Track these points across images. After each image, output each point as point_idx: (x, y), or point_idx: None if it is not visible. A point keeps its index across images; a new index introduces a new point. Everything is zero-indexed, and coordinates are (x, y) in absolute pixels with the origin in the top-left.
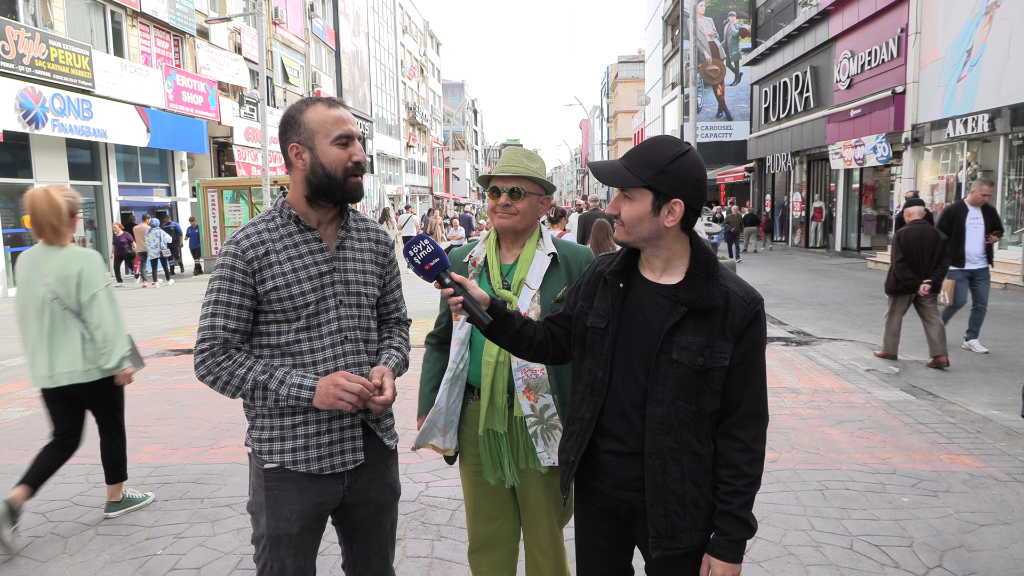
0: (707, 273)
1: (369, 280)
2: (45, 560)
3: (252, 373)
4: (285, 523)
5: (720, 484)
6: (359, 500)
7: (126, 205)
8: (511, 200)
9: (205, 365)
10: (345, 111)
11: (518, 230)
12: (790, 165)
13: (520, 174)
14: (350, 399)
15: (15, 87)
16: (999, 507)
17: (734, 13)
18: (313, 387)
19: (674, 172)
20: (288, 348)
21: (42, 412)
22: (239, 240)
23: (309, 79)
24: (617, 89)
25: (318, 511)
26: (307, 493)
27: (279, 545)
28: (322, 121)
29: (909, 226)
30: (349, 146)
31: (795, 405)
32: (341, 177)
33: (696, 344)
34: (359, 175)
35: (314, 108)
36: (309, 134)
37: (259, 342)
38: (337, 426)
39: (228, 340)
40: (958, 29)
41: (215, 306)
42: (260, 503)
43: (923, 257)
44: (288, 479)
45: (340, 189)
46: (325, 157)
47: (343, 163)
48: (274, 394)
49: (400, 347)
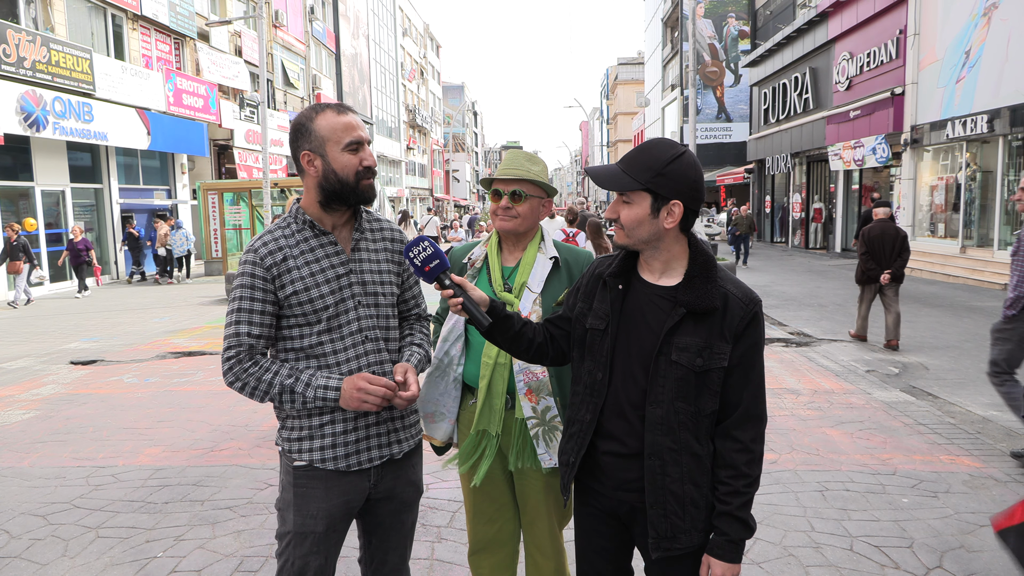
0: (706, 274)
1: (386, 279)
2: (46, 563)
3: (279, 378)
4: (312, 520)
5: (719, 485)
6: (383, 495)
7: (126, 208)
8: (512, 203)
9: (233, 372)
10: (354, 117)
11: (519, 232)
12: (790, 166)
13: (521, 177)
14: (374, 401)
15: (16, 90)
16: (999, 508)
17: (733, 15)
18: (338, 388)
19: (672, 174)
20: (311, 351)
21: (44, 415)
22: (257, 248)
23: (309, 82)
24: (617, 91)
25: (345, 509)
26: (334, 491)
27: (304, 542)
28: (332, 128)
29: (873, 224)
30: (360, 151)
31: (795, 406)
32: (353, 182)
33: (695, 345)
34: (370, 178)
35: (324, 115)
36: (320, 141)
37: (283, 346)
38: (363, 423)
39: (253, 346)
40: (956, 30)
41: (239, 314)
42: (288, 500)
43: (884, 251)
44: (316, 477)
45: (353, 193)
46: (337, 163)
47: (354, 168)
48: (301, 397)
49: (422, 343)
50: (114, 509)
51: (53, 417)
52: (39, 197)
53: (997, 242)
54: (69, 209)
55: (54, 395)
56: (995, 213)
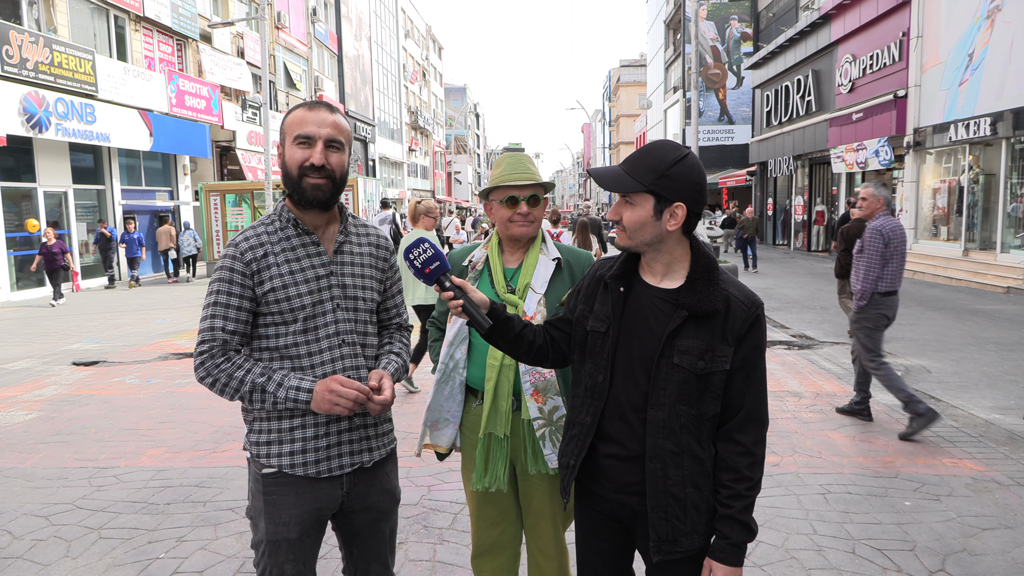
0: (708, 277)
1: (367, 284)
2: (48, 563)
3: (250, 375)
4: (284, 528)
5: (721, 488)
6: (358, 506)
7: (129, 209)
8: (530, 208)
9: (204, 367)
10: (325, 115)
11: (531, 237)
12: (792, 169)
13: (537, 181)
14: (346, 404)
15: (19, 91)
16: (1002, 511)
17: (736, 17)
18: (311, 390)
19: (675, 176)
20: (286, 351)
21: (46, 416)
22: (238, 243)
23: (311, 83)
24: (619, 93)
25: (317, 516)
26: (305, 498)
27: (278, 550)
28: (292, 122)
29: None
30: (308, 146)
31: (797, 409)
32: (295, 176)
33: (697, 348)
34: (316, 177)
35: (296, 111)
36: (284, 135)
37: (258, 344)
38: (335, 429)
39: (227, 342)
40: (960, 33)
41: (214, 308)
42: (259, 508)
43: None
44: (287, 484)
45: (297, 189)
46: (288, 157)
47: (298, 163)
48: (272, 396)
49: (400, 352)
50: (116, 510)
51: (55, 418)
52: (41, 198)
53: (1000, 245)
54: (71, 210)
55: (56, 396)
56: (998, 216)
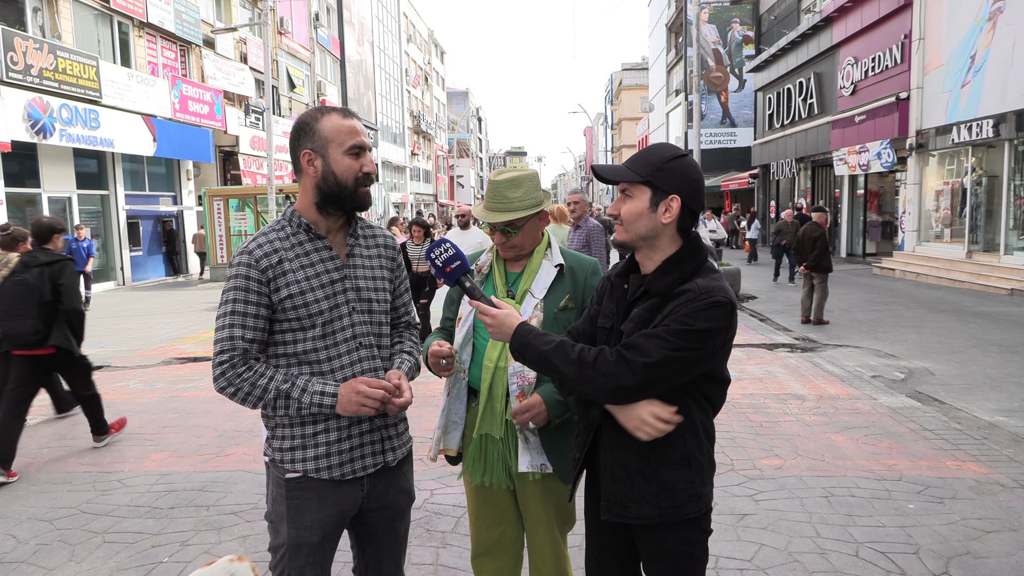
0: (680, 264)
1: (380, 286)
2: (52, 568)
3: (274, 383)
4: (306, 532)
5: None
6: (376, 505)
7: (132, 214)
8: (505, 238)
9: (226, 377)
10: (358, 123)
11: (523, 254)
12: (794, 171)
13: (504, 220)
14: (373, 405)
15: (23, 97)
16: (1006, 514)
17: (738, 20)
18: (335, 394)
19: (671, 169)
20: (305, 356)
21: (50, 420)
22: (252, 250)
23: (314, 88)
24: (621, 96)
25: (339, 519)
26: (328, 502)
27: (299, 554)
28: (337, 130)
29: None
30: (361, 156)
31: (800, 412)
32: (352, 187)
33: (639, 317)
34: (368, 185)
35: (329, 117)
36: (323, 142)
37: (276, 351)
38: (357, 431)
39: (247, 350)
40: (962, 35)
41: (232, 316)
42: (281, 512)
43: (804, 247)
44: (310, 488)
45: (351, 198)
46: (337, 166)
47: (354, 173)
48: (296, 402)
49: (412, 351)
50: (120, 514)
51: (59, 422)
52: (46, 204)
53: (1003, 247)
54: (76, 215)
55: None
56: (1001, 218)
